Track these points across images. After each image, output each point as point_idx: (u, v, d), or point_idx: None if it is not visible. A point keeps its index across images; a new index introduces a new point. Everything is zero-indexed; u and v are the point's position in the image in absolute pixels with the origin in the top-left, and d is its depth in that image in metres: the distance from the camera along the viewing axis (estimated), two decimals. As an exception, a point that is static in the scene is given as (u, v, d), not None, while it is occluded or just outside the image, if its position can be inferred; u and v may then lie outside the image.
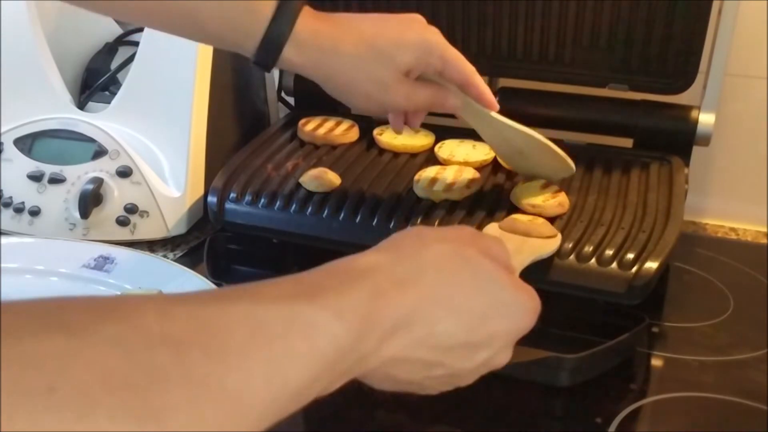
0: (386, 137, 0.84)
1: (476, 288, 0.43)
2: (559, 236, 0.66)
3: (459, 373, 0.44)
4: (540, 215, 0.69)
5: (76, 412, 0.25)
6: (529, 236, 0.63)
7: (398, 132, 0.72)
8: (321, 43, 0.61)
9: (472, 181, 0.74)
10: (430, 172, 0.76)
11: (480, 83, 0.67)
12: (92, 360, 0.26)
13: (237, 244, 0.79)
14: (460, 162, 0.79)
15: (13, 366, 0.25)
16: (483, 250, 0.45)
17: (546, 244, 0.64)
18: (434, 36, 0.64)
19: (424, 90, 0.64)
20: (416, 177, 0.75)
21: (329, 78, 0.62)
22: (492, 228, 0.65)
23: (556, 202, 0.70)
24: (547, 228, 0.65)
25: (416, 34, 0.63)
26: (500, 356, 0.45)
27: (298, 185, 0.76)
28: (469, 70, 0.66)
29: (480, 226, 0.69)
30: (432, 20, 0.85)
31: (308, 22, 0.60)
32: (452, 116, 0.90)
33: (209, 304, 0.33)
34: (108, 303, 0.31)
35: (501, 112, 0.88)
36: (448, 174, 0.75)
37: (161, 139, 0.81)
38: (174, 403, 0.28)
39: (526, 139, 0.71)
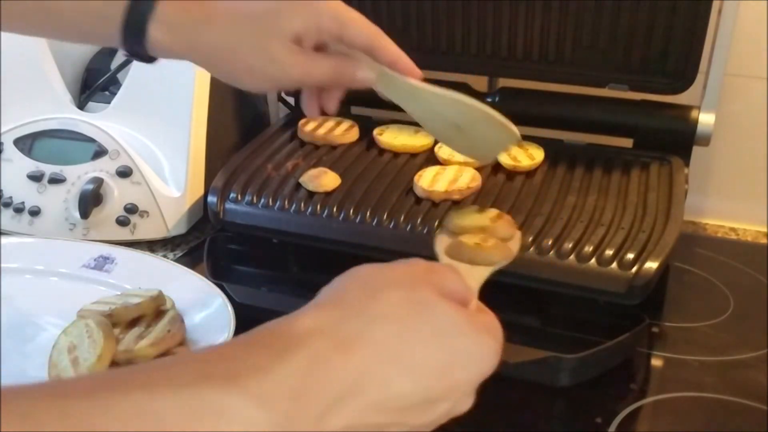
0: (386, 137, 0.84)
1: (434, 339, 0.38)
2: (518, 235, 0.58)
3: (417, 427, 0.39)
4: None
5: None
6: (481, 249, 0.55)
7: (313, 117, 0.61)
8: (191, 18, 0.53)
9: (471, 182, 0.74)
10: (430, 172, 0.76)
11: (389, 45, 0.56)
12: None
13: (237, 244, 0.79)
14: (460, 162, 0.79)
15: None
16: (438, 289, 0.40)
17: (502, 250, 0.55)
18: (325, 2, 0.55)
19: (325, 61, 0.55)
20: (416, 177, 0.75)
21: (207, 57, 0.54)
22: (442, 239, 0.58)
23: (506, 221, 0.60)
24: (505, 228, 0.58)
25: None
26: (461, 404, 0.41)
27: (298, 185, 0.76)
28: (373, 31, 0.56)
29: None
30: (432, 20, 0.86)
31: (174, 1, 0.53)
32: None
33: (97, 401, 0.28)
34: None
35: (501, 111, 0.88)
36: (448, 174, 0.75)
37: (161, 139, 0.81)
38: None
39: (459, 108, 0.60)
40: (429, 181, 0.74)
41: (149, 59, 0.55)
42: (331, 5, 0.55)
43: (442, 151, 0.81)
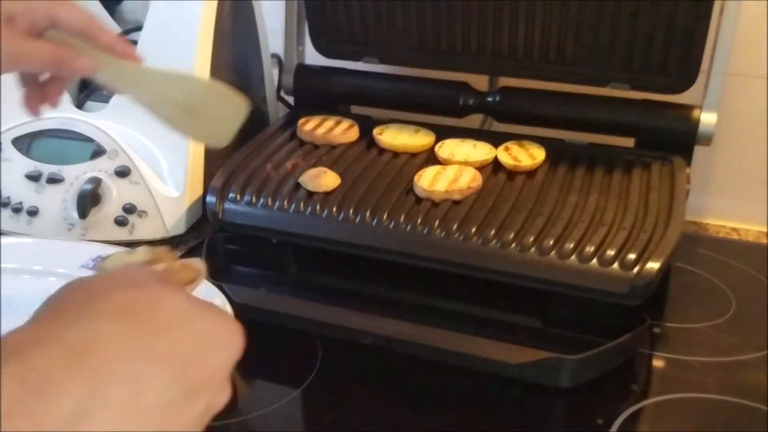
0: (386, 137, 0.84)
1: (175, 328, 0.35)
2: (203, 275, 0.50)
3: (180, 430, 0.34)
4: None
5: None
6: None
7: (34, 114, 0.61)
8: None
9: (472, 181, 0.74)
10: (430, 171, 0.76)
11: (104, 31, 0.55)
12: None
13: (236, 244, 0.79)
14: (460, 162, 0.78)
15: None
16: (161, 281, 0.38)
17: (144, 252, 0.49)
18: None
19: (41, 44, 0.53)
20: (416, 177, 0.75)
21: None
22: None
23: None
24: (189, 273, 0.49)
25: None
26: (220, 396, 0.37)
27: (298, 185, 0.76)
28: (85, 17, 0.55)
29: (481, 225, 0.69)
30: (433, 19, 0.86)
31: None
32: (452, 117, 0.90)
33: None
34: None
35: (501, 111, 0.89)
36: (449, 174, 0.75)
37: (160, 138, 0.81)
38: None
39: (186, 86, 0.59)
40: (429, 180, 0.74)
41: None
42: None
43: (443, 150, 0.81)
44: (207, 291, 0.65)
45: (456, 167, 0.77)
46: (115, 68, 0.56)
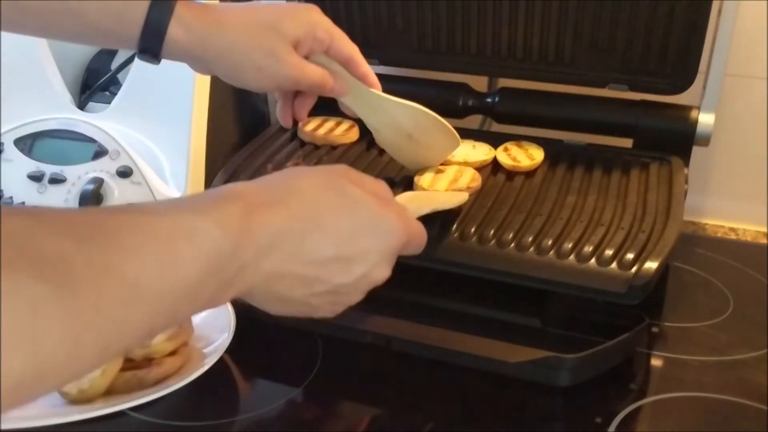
0: (386, 137, 0.84)
1: (342, 209, 0.47)
2: (466, 194, 0.70)
3: (339, 288, 0.47)
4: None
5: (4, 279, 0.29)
6: (437, 193, 0.68)
7: (287, 125, 0.72)
8: (206, 20, 0.60)
9: (472, 181, 0.74)
10: (430, 172, 0.76)
11: (364, 61, 0.68)
12: (10, 240, 0.30)
13: (237, 244, 0.79)
14: (460, 162, 0.79)
15: None
16: (354, 181, 0.49)
17: (452, 197, 0.68)
18: (319, 14, 0.65)
19: (317, 67, 0.64)
20: (416, 177, 0.75)
21: (219, 55, 0.61)
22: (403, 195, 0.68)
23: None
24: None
25: (300, 10, 0.64)
26: (378, 271, 0.49)
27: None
28: (353, 47, 0.66)
29: (480, 225, 0.69)
30: (432, 20, 0.86)
31: (190, 6, 0.60)
32: (452, 117, 0.90)
33: (103, 212, 0.38)
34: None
35: (500, 112, 0.89)
36: (449, 174, 0.75)
37: (161, 139, 0.81)
38: (81, 279, 0.32)
39: (415, 116, 0.71)
40: (429, 181, 0.74)
41: (158, 59, 0.60)
42: (324, 19, 0.65)
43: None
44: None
45: (456, 167, 0.77)
46: (361, 93, 0.68)
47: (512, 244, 0.67)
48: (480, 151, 0.81)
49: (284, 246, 0.43)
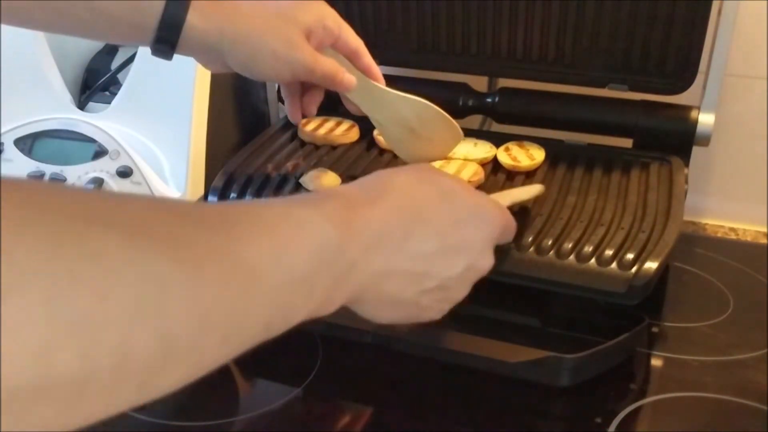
0: (386, 137, 0.84)
1: (442, 200, 0.47)
2: (542, 186, 0.71)
3: (448, 283, 0.47)
4: None
5: (136, 248, 0.29)
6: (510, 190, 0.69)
7: (296, 121, 0.72)
8: (223, 9, 0.60)
9: (474, 175, 0.74)
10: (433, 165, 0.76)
11: (368, 54, 0.69)
12: (141, 223, 0.30)
13: (237, 244, 0.79)
14: (460, 159, 0.79)
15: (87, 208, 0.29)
16: (444, 174, 0.51)
17: (528, 190, 0.69)
18: (327, 6, 0.66)
19: (328, 60, 0.65)
20: None
21: (235, 42, 0.61)
22: None
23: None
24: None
25: (312, 1, 0.66)
26: (483, 260, 0.49)
27: (298, 185, 0.76)
28: (359, 39, 0.68)
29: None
30: (432, 20, 0.86)
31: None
32: (452, 117, 0.90)
33: (215, 206, 0.40)
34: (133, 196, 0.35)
35: (500, 112, 0.89)
36: (451, 168, 0.75)
37: (161, 139, 0.81)
38: (203, 258, 0.31)
39: (418, 109, 0.72)
40: None
41: (172, 53, 0.60)
42: (332, 11, 0.66)
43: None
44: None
45: (459, 162, 0.77)
46: (365, 87, 0.69)
47: (512, 244, 0.67)
48: (481, 149, 0.81)
49: (389, 241, 0.43)
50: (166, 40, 0.59)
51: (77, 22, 0.60)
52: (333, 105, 0.74)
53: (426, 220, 0.46)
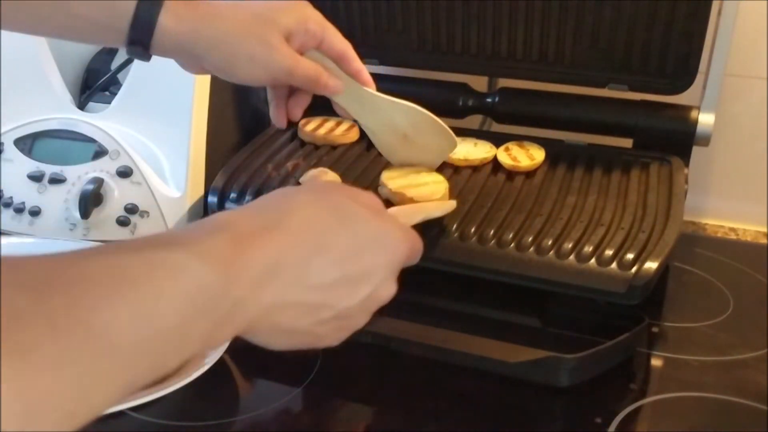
0: (386, 137, 0.84)
1: (342, 226, 0.44)
2: (454, 202, 0.69)
3: (346, 313, 0.45)
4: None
5: None
6: (425, 204, 0.67)
7: (281, 126, 0.69)
8: (198, 11, 0.58)
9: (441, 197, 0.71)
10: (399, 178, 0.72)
11: (357, 58, 0.65)
12: None
13: (237, 244, 0.79)
14: (460, 160, 0.79)
15: None
16: (350, 197, 0.47)
17: (441, 205, 0.67)
18: (311, 8, 0.63)
19: (309, 61, 0.62)
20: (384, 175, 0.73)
21: (211, 46, 0.59)
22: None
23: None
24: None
25: (293, 3, 0.63)
26: (384, 289, 0.46)
27: (298, 185, 0.76)
28: (346, 43, 0.65)
29: (480, 225, 0.69)
30: (432, 20, 0.86)
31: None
32: (452, 117, 0.90)
33: (67, 258, 0.33)
34: None
35: (500, 112, 0.89)
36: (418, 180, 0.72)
37: (161, 139, 0.81)
38: (36, 340, 0.28)
39: (411, 116, 0.68)
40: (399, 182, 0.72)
41: (147, 54, 0.59)
42: (316, 13, 0.63)
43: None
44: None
45: (430, 184, 0.72)
46: (355, 91, 0.66)
47: (512, 244, 0.67)
48: (481, 149, 0.81)
49: (284, 273, 0.40)
50: (139, 42, 0.58)
51: (56, 26, 0.60)
52: (333, 106, 0.74)
53: (325, 249, 0.43)
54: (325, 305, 0.43)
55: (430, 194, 0.69)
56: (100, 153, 0.79)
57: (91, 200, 0.76)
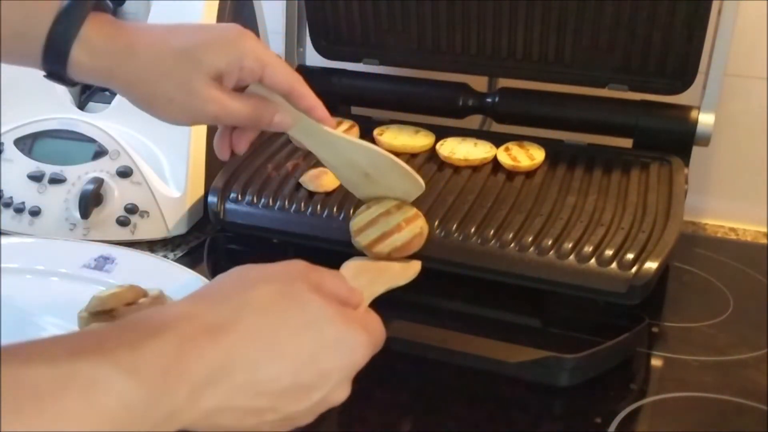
0: (386, 137, 0.84)
1: (303, 327, 0.41)
2: (419, 264, 0.63)
3: (293, 415, 0.41)
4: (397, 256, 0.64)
5: None
6: (390, 264, 0.62)
7: (223, 158, 0.61)
8: (115, 46, 0.53)
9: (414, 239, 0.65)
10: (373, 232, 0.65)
11: (309, 93, 0.58)
12: None
13: (237, 244, 0.79)
14: (460, 160, 0.79)
15: None
16: (314, 286, 0.43)
17: (405, 270, 0.62)
18: (251, 40, 0.56)
19: (244, 100, 0.56)
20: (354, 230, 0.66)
21: (127, 85, 0.55)
22: (349, 264, 0.62)
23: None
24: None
25: (226, 36, 0.55)
26: (337, 393, 0.43)
27: (298, 185, 0.76)
28: (294, 76, 0.57)
29: (480, 225, 0.69)
30: (432, 20, 0.86)
31: (101, 27, 0.53)
32: (452, 117, 0.90)
33: None
34: None
35: (500, 112, 0.89)
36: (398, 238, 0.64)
37: (161, 139, 0.81)
38: None
39: (371, 158, 0.62)
40: (373, 240, 0.65)
41: (69, 82, 0.55)
42: (254, 46, 0.56)
43: (444, 148, 0.81)
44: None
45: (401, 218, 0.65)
46: (308, 128, 0.59)
47: (512, 244, 0.67)
48: (481, 149, 0.81)
49: (231, 378, 0.37)
50: (54, 74, 0.53)
51: None
52: (333, 105, 0.74)
53: (280, 354, 0.39)
54: (272, 410, 0.40)
55: (408, 243, 0.64)
56: (100, 153, 0.79)
57: (91, 200, 0.76)
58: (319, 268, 0.45)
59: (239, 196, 0.76)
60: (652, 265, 0.64)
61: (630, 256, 0.65)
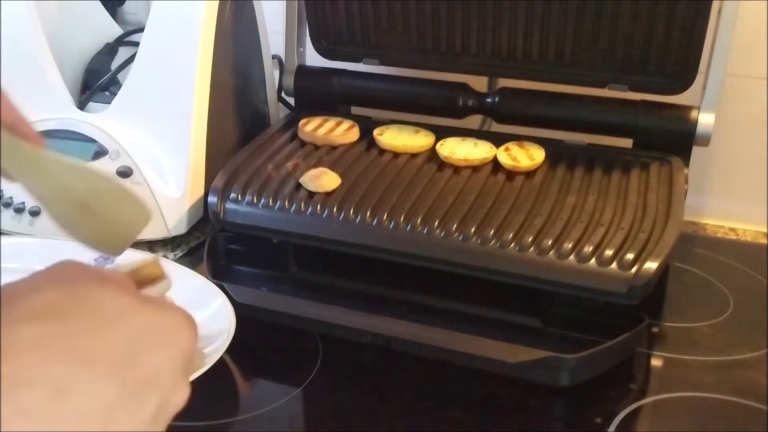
0: (386, 137, 0.84)
1: (106, 323, 0.32)
2: (170, 279, 0.49)
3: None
4: None
5: None
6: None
7: None
8: None
9: None
10: None
11: (11, 104, 0.50)
12: None
13: (237, 244, 0.79)
14: (460, 160, 0.79)
15: None
16: (97, 278, 0.35)
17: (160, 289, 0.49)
18: None
19: None
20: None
21: None
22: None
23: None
24: (155, 269, 0.49)
25: None
26: (177, 394, 0.34)
27: (299, 185, 0.76)
28: None
29: (480, 225, 0.69)
30: (432, 20, 0.86)
31: None
32: (452, 117, 0.90)
33: None
34: None
35: (500, 112, 0.89)
36: None
37: (162, 139, 0.81)
38: None
39: (90, 182, 0.53)
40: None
41: None
42: None
43: (444, 148, 0.81)
44: (208, 290, 0.65)
45: None
46: (12, 148, 0.49)
47: (512, 244, 0.67)
48: (481, 149, 0.81)
49: (30, 417, 0.28)
50: None
51: None
52: (333, 105, 0.74)
53: (86, 361, 0.30)
54: None
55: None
56: (100, 153, 0.79)
57: (91, 200, 0.76)
58: (89, 264, 0.38)
59: (239, 196, 0.76)
60: (652, 265, 0.64)
61: (630, 256, 0.65)
